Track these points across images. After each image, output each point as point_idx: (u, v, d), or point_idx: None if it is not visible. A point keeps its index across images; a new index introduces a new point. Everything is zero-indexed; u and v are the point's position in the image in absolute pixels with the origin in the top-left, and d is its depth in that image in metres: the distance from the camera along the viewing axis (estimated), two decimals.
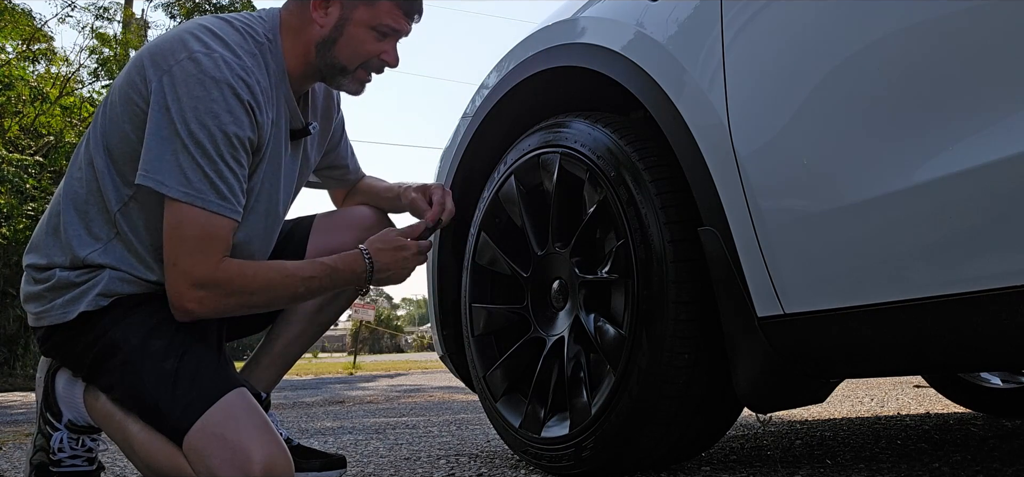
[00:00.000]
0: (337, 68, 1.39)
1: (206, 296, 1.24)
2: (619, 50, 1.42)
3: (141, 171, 1.22)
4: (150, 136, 1.22)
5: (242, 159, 1.27)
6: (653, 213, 1.34)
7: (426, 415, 3.37)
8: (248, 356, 1.67)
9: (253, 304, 1.31)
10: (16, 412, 4.73)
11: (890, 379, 4.21)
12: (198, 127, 1.21)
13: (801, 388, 1.29)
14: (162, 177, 1.21)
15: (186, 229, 1.21)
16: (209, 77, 1.22)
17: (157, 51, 1.27)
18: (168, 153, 1.21)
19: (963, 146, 0.94)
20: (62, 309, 1.28)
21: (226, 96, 1.23)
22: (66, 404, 1.36)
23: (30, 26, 12.55)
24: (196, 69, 1.22)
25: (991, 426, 2.08)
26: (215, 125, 1.21)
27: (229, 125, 1.23)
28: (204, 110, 1.21)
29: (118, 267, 1.29)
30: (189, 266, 1.22)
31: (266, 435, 1.19)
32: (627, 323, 1.36)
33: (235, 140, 1.24)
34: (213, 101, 1.22)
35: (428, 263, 1.99)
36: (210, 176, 1.21)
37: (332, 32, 1.37)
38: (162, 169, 1.21)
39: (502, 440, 1.72)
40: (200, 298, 1.24)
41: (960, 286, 0.95)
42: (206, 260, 1.22)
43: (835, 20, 1.10)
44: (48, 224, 1.33)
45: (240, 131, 1.25)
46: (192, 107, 1.21)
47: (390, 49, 1.41)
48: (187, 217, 1.21)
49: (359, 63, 1.39)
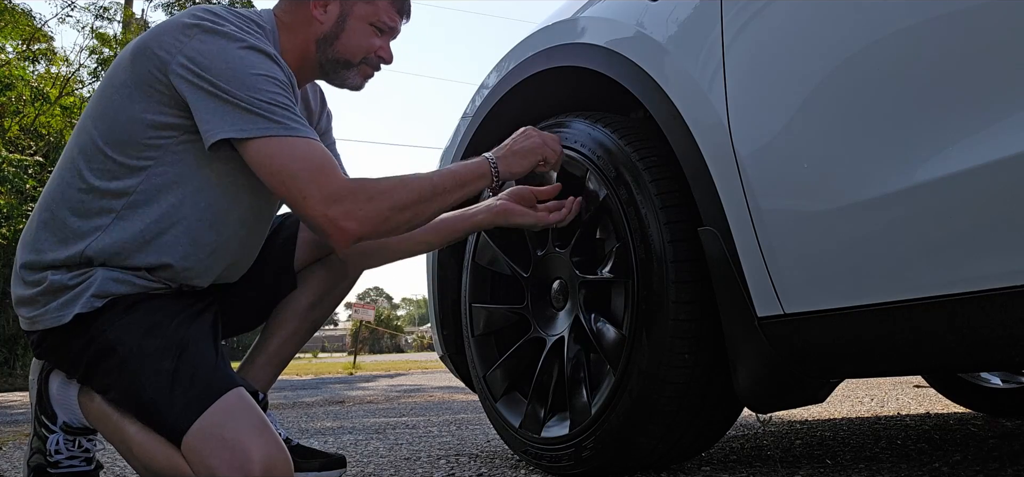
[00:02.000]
0: (341, 63, 1.42)
1: (350, 207, 1.21)
2: (619, 50, 1.42)
3: (208, 133, 1.20)
4: (201, 106, 1.21)
5: (289, 96, 1.26)
6: (653, 213, 1.34)
7: (426, 415, 3.37)
8: (246, 356, 1.66)
9: (400, 203, 1.27)
10: (16, 412, 4.72)
11: (890, 379, 4.21)
12: (241, 87, 1.20)
13: (801, 388, 1.29)
14: (239, 124, 1.20)
15: (289, 156, 1.20)
16: (230, 41, 1.24)
17: (164, 33, 1.26)
18: (228, 110, 1.20)
19: (963, 146, 0.94)
20: (56, 312, 1.27)
21: (251, 53, 1.24)
22: (60, 406, 1.35)
23: (30, 26, 12.56)
24: (216, 38, 1.23)
25: (991, 426, 2.08)
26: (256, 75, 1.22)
27: (273, 70, 1.25)
28: (241, 78, 1.21)
29: (111, 263, 1.27)
30: (315, 189, 1.20)
31: (265, 435, 1.18)
32: (627, 323, 1.36)
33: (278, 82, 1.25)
34: (242, 58, 1.23)
35: (428, 263, 1.99)
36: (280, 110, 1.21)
37: (333, 28, 1.40)
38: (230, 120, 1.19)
39: (502, 440, 1.72)
40: (347, 211, 1.21)
41: (960, 286, 0.95)
42: (328, 177, 1.21)
43: (835, 20, 1.10)
44: (39, 218, 1.32)
45: (280, 73, 1.26)
46: (228, 77, 1.21)
47: (386, 45, 1.46)
48: (281, 147, 1.20)
49: (361, 58, 1.43)
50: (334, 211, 1.20)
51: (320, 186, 1.20)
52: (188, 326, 1.29)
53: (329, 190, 1.20)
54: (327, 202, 1.20)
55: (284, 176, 1.20)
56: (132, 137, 1.25)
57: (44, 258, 1.29)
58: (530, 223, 1.52)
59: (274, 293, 1.57)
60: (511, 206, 1.52)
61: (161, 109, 1.24)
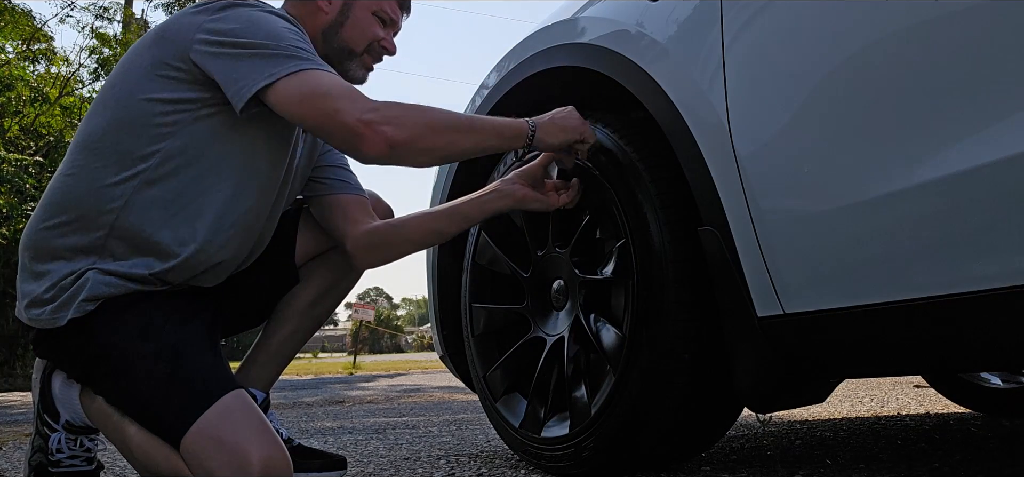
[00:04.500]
0: (345, 51, 1.45)
1: (388, 114, 1.21)
2: (619, 50, 1.42)
3: (239, 92, 1.20)
4: (227, 70, 1.21)
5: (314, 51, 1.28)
6: (653, 213, 1.34)
7: (426, 415, 3.37)
8: (246, 356, 1.66)
9: (436, 123, 1.26)
10: (16, 412, 4.72)
11: (890, 379, 4.21)
12: (265, 37, 1.22)
13: (801, 388, 1.29)
14: (270, 69, 1.20)
15: (316, 85, 1.20)
16: (248, 8, 1.26)
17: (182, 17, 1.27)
18: (255, 62, 1.21)
19: (963, 146, 0.94)
20: (51, 316, 1.25)
21: (270, 16, 1.27)
22: (63, 405, 1.35)
23: (30, 26, 12.54)
24: (234, 8, 1.25)
25: (991, 426, 2.08)
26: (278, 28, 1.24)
27: (293, 28, 1.27)
28: (264, 30, 1.23)
29: (102, 268, 1.26)
30: (349, 103, 1.20)
31: (264, 435, 1.18)
32: (627, 323, 1.36)
33: (299, 35, 1.27)
34: (262, 17, 1.25)
35: (428, 263, 1.99)
36: (302, 55, 1.23)
37: (339, 16, 1.44)
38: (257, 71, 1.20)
39: (502, 440, 1.72)
40: (384, 117, 1.20)
41: (960, 286, 0.95)
42: (359, 94, 1.23)
43: (835, 20, 1.10)
44: (46, 210, 1.30)
45: (300, 33, 1.28)
46: (251, 32, 1.22)
47: (389, 37, 1.48)
48: (309, 79, 1.21)
49: (365, 46, 1.46)
50: (370, 116, 1.20)
51: (353, 100, 1.21)
52: (184, 326, 1.28)
53: (363, 104, 1.21)
54: (362, 110, 1.20)
55: (315, 97, 1.20)
56: (146, 119, 1.25)
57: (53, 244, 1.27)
58: (542, 207, 1.49)
59: (276, 289, 1.57)
60: (525, 191, 1.48)
61: (178, 88, 1.25)
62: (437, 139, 1.27)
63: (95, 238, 1.26)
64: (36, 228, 1.30)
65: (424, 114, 1.26)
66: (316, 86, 1.21)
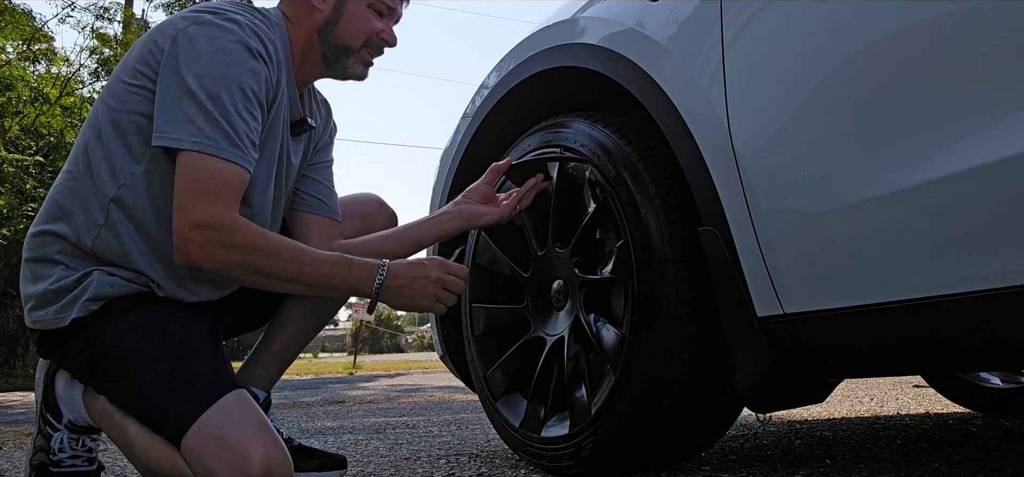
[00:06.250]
0: (341, 49, 1.42)
1: (208, 239, 1.19)
2: (619, 50, 1.42)
3: (155, 134, 1.22)
4: (161, 99, 1.22)
5: (256, 113, 1.26)
6: (653, 213, 1.34)
7: (426, 415, 3.37)
8: (247, 355, 1.66)
9: (253, 267, 1.23)
10: (16, 412, 4.72)
11: (890, 379, 4.21)
12: (210, 80, 1.21)
13: (801, 388, 1.29)
14: (175, 133, 1.20)
15: (196, 174, 1.20)
16: (220, 33, 1.24)
17: (167, 23, 1.29)
18: (180, 110, 1.21)
19: (963, 146, 0.94)
20: (55, 316, 1.27)
21: (239, 50, 1.24)
22: (66, 404, 1.35)
23: (30, 26, 12.54)
24: (207, 29, 1.24)
25: (991, 426, 2.08)
26: (229, 77, 1.22)
27: (244, 77, 1.24)
28: (216, 64, 1.22)
29: (108, 262, 1.28)
30: (194, 207, 1.19)
31: (265, 435, 1.18)
32: (627, 323, 1.36)
33: (250, 92, 1.25)
34: (225, 54, 1.23)
35: None
36: (222, 124, 1.21)
37: (333, 14, 1.41)
38: (174, 126, 1.20)
39: (502, 440, 1.72)
40: (202, 240, 1.19)
41: (960, 286, 0.95)
42: (213, 205, 1.20)
43: (835, 20, 1.10)
44: (47, 214, 1.32)
45: (255, 84, 1.26)
46: (204, 63, 1.22)
47: (388, 27, 1.45)
48: (197, 164, 1.20)
49: (362, 42, 1.43)
50: (194, 234, 1.19)
51: (201, 206, 1.19)
52: (187, 326, 1.29)
53: (204, 214, 1.19)
54: (194, 226, 1.19)
55: (185, 184, 1.20)
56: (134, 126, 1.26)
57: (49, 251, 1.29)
58: (494, 221, 1.56)
59: (273, 297, 1.57)
60: (473, 210, 1.56)
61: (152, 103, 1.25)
62: (249, 279, 1.25)
63: (86, 248, 1.27)
64: (35, 232, 1.31)
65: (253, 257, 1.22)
66: (191, 176, 1.20)
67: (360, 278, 1.30)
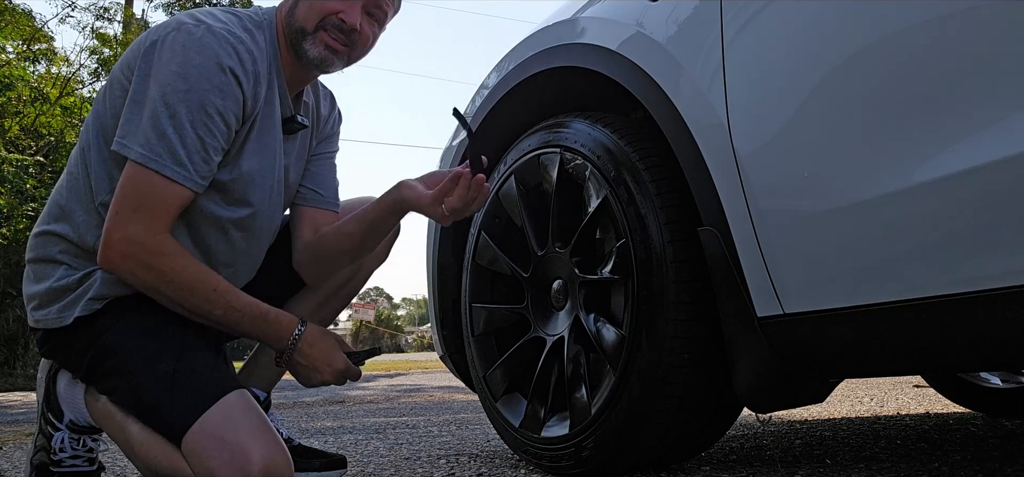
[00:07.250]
0: (299, 31, 1.37)
1: (133, 255, 1.21)
2: (619, 50, 1.42)
3: (115, 137, 1.23)
4: (127, 103, 1.24)
5: (217, 130, 1.25)
6: (653, 213, 1.34)
7: (426, 415, 3.37)
8: (248, 356, 1.67)
9: (167, 294, 1.24)
10: (16, 412, 4.72)
11: (890, 379, 4.21)
12: (172, 92, 1.21)
13: (801, 388, 1.29)
14: (127, 140, 1.22)
15: (136, 185, 1.21)
16: (195, 44, 1.23)
17: (158, 27, 1.29)
18: (137, 118, 1.22)
19: (963, 146, 0.94)
20: (58, 315, 1.27)
21: (209, 64, 1.23)
22: (67, 404, 1.36)
23: (30, 26, 12.55)
24: (183, 37, 1.24)
25: (991, 426, 2.08)
26: (192, 91, 1.22)
27: (207, 94, 1.23)
28: (181, 77, 1.22)
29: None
30: (128, 218, 1.21)
31: (265, 435, 1.18)
32: (627, 323, 1.36)
33: (211, 108, 1.24)
34: (194, 67, 1.22)
35: (428, 263, 1.99)
36: (171, 139, 1.21)
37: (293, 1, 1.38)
38: (128, 132, 1.22)
39: (502, 440, 1.72)
40: (124, 254, 1.21)
41: (960, 286, 0.95)
42: (145, 222, 1.21)
43: (835, 20, 1.10)
44: (49, 214, 1.33)
45: (220, 101, 1.24)
46: (173, 72, 1.22)
47: (347, 8, 1.36)
48: (139, 176, 1.21)
49: (316, 22, 1.36)
50: (120, 245, 1.21)
51: (131, 220, 1.21)
52: (188, 326, 1.30)
53: (132, 230, 1.21)
54: (122, 238, 1.21)
55: (124, 191, 1.21)
56: None
57: (50, 254, 1.30)
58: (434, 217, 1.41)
59: (282, 292, 1.57)
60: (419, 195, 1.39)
61: None
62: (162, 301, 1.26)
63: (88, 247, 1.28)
64: (38, 232, 1.32)
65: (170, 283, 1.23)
66: (130, 185, 1.21)
67: (276, 336, 1.33)
